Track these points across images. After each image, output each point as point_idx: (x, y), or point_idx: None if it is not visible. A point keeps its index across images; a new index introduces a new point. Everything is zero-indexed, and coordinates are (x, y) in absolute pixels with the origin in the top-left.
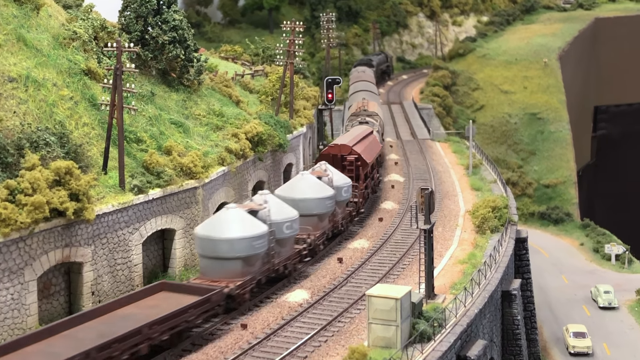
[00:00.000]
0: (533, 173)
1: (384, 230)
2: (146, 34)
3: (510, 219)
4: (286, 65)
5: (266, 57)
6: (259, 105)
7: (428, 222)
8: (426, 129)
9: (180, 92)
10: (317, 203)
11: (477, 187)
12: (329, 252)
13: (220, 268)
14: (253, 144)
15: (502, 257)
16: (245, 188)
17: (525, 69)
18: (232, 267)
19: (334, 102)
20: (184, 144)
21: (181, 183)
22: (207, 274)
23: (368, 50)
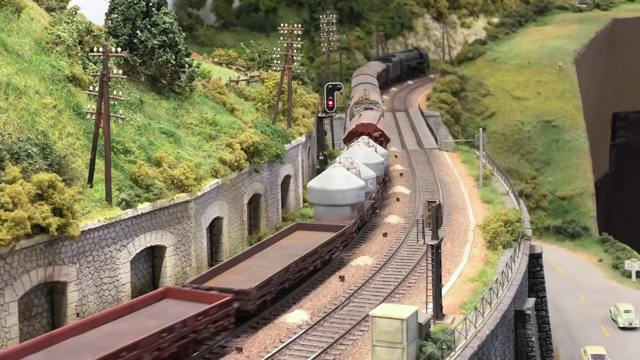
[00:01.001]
0: (548, 184)
1: (389, 246)
2: (134, 37)
3: (524, 233)
4: (284, 70)
5: (262, 62)
6: (255, 113)
7: (435, 238)
8: (433, 137)
9: (171, 100)
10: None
11: (488, 199)
12: (329, 270)
13: (334, 213)
14: (248, 155)
15: (515, 274)
16: (240, 201)
17: (538, 73)
18: (344, 212)
19: (334, 110)
20: (174, 155)
21: (172, 197)
22: (322, 218)
23: (371, 54)
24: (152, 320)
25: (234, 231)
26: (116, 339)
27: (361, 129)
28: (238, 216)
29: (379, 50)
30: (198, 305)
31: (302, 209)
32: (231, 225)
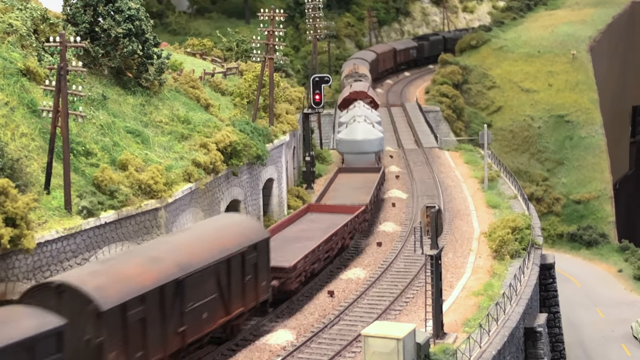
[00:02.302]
0: (561, 187)
1: (384, 257)
2: (96, 25)
3: (534, 241)
4: (265, 61)
5: (241, 52)
6: (233, 109)
7: (435, 247)
8: (433, 135)
9: (138, 95)
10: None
11: (494, 204)
12: (317, 285)
13: (362, 159)
14: (226, 156)
15: (524, 287)
16: (216, 209)
17: (550, 63)
18: (370, 158)
19: (322, 105)
20: (142, 157)
21: (139, 204)
22: (350, 165)
23: (362, 43)
24: (316, 224)
25: None
26: (309, 233)
27: (354, 95)
28: None
29: (372, 39)
30: (338, 215)
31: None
32: None
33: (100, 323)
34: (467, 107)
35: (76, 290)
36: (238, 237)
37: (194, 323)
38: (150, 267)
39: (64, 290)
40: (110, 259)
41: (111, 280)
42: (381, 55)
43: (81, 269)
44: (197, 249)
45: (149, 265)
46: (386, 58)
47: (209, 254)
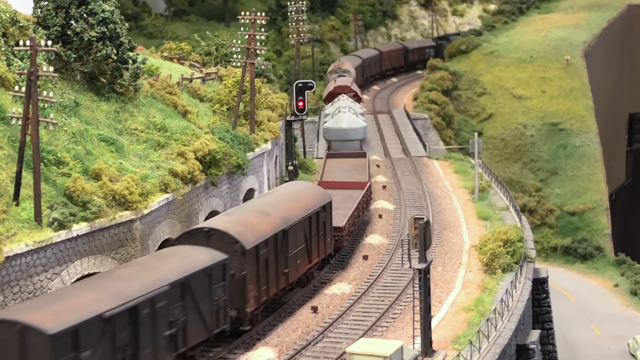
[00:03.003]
0: (555, 197)
1: (370, 270)
2: (68, 29)
3: (527, 254)
4: (245, 66)
5: (220, 56)
6: (212, 116)
7: (424, 260)
8: (421, 144)
9: (112, 102)
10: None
11: (485, 215)
12: (300, 300)
13: (348, 145)
14: (204, 165)
15: (516, 302)
16: (195, 220)
17: (543, 68)
18: (355, 144)
19: (306, 112)
20: (116, 166)
21: (113, 215)
22: (337, 151)
23: (348, 47)
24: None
25: None
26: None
27: (338, 90)
28: None
29: (357, 43)
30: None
31: None
32: None
33: (244, 260)
34: (456, 115)
35: (224, 233)
36: (313, 199)
37: (292, 267)
38: (264, 219)
39: (212, 234)
40: (231, 212)
41: (245, 227)
42: (387, 54)
43: (215, 219)
44: (290, 207)
45: (263, 218)
46: (393, 56)
47: (298, 211)
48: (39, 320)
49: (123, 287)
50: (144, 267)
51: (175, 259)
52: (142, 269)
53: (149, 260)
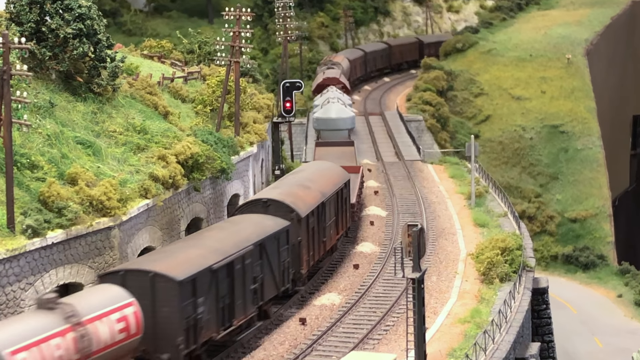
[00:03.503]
0: (555, 204)
1: (361, 280)
2: (43, 25)
3: (526, 263)
4: (230, 65)
5: (204, 55)
6: (194, 118)
7: (417, 270)
8: (415, 147)
9: (89, 102)
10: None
11: (482, 222)
12: (287, 312)
13: (336, 135)
14: (186, 170)
15: (515, 313)
16: (176, 227)
17: (543, 68)
18: (343, 134)
19: (293, 114)
20: (94, 171)
21: (90, 222)
22: (327, 139)
23: (337, 45)
24: None
25: None
26: None
27: (327, 81)
28: None
29: (348, 41)
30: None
31: None
32: None
33: (299, 227)
34: (452, 116)
35: (282, 203)
36: (338, 176)
37: (328, 236)
38: (307, 192)
39: (270, 204)
40: (277, 186)
41: (295, 198)
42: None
43: (266, 191)
44: (324, 183)
45: (307, 191)
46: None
47: (330, 186)
48: (167, 269)
49: (219, 245)
50: (228, 230)
51: (250, 224)
52: (226, 231)
53: (227, 225)
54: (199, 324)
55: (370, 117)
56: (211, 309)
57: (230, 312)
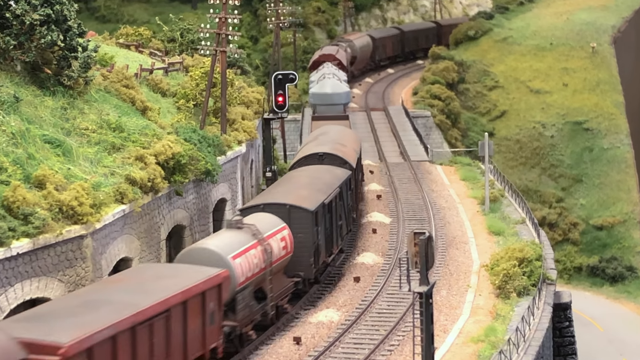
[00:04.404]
0: (579, 209)
1: (362, 294)
2: (6, 10)
3: (546, 276)
4: (215, 55)
5: (186, 43)
6: (176, 114)
7: (425, 283)
8: (422, 146)
9: (59, 96)
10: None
11: (498, 230)
12: (281, 330)
13: (332, 109)
14: (167, 172)
15: (534, 332)
16: (156, 236)
17: (564, 58)
18: (339, 108)
19: (287, 109)
20: (63, 173)
21: (60, 230)
22: (323, 114)
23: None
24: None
25: None
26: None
27: (323, 58)
28: (153, 256)
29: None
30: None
31: None
32: None
33: (352, 176)
34: (463, 112)
35: (336, 156)
36: (356, 139)
37: (360, 191)
38: (346, 149)
39: (325, 157)
40: (318, 143)
41: (341, 152)
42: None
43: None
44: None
45: (345, 149)
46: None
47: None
48: (299, 202)
49: (318, 187)
50: (312, 177)
51: (325, 173)
52: (311, 177)
53: (305, 173)
54: (319, 249)
55: (372, 112)
56: (322, 236)
57: (330, 242)
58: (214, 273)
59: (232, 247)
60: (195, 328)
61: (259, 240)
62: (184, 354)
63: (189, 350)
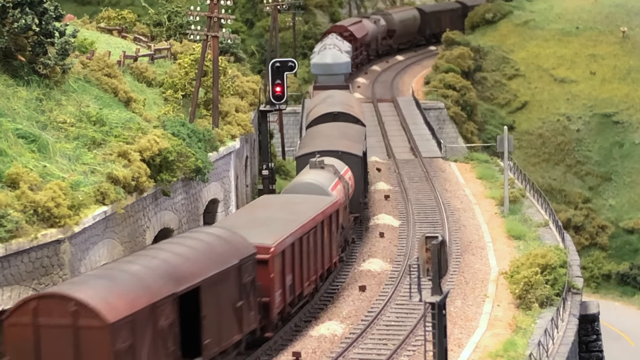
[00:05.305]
0: (608, 211)
1: (368, 305)
2: None
3: (572, 284)
4: (207, 40)
5: (174, 28)
6: (163, 106)
7: (438, 292)
8: (435, 141)
9: (34, 86)
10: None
11: (518, 233)
12: (279, 344)
13: (333, 79)
14: (153, 169)
15: (558, 346)
16: (140, 240)
17: (592, 43)
18: (339, 78)
19: (285, 100)
20: (39, 171)
21: (35, 234)
22: (323, 83)
23: (339, 15)
24: None
25: None
26: None
27: (335, 29)
28: None
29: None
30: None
31: None
32: None
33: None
34: (480, 103)
35: (349, 114)
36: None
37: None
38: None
39: (339, 115)
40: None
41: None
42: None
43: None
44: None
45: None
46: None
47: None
48: (349, 149)
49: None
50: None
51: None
52: (334, 131)
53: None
54: (364, 191)
55: (379, 104)
56: (362, 182)
57: (365, 187)
58: (334, 200)
59: (327, 182)
60: (327, 243)
61: (339, 178)
62: (322, 264)
63: (325, 262)
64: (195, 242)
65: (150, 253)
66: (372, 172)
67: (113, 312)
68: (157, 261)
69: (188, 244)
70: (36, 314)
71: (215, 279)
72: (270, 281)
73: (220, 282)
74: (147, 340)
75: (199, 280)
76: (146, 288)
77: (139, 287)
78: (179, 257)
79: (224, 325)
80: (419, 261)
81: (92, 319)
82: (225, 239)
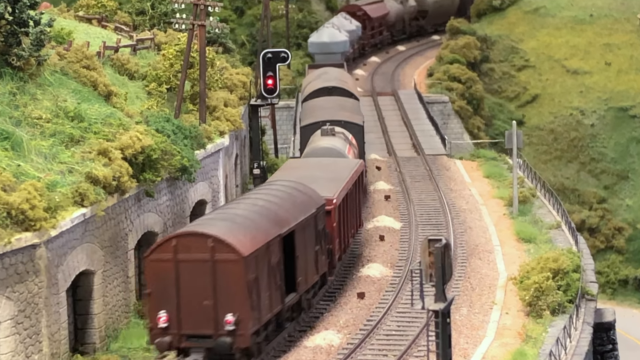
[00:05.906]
0: (625, 211)
1: (367, 313)
2: None
3: (586, 290)
4: (193, 30)
5: (158, 16)
6: (146, 100)
7: (442, 299)
8: (439, 137)
9: (7, 80)
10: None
11: (528, 236)
12: (271, 356)
13: (330, 58)
14: (136, 168)
15: (571, 356)
16: (122, 245)
17: (607, 32)
18: (337, 57)
19: (278, 94)
20: (12, 170)
21: (8, 238)
22: (321, 62)
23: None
24: None
25: (113, 294)
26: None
27: (348, 9)
28: (119, 269)
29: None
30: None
31: None
32: (108, 285)
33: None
34: (487, 97)
35: (343, 89)
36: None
37: None
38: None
39: (333, 90)
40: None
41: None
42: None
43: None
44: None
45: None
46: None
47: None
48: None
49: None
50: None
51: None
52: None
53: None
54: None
55: (379, 98)
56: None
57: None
58: (360, 161)
59: (343, 146)
60: (358, 201)
61: (350, 144)
62: (355, 221)
63: (357, 219)
64: (280, 193)
65: (247, 201)
66: (371, 171)
67: (245, 247)
68: (259, 207)
69: (274, 194)
70: (176, 250)
71: (303, 224)
72: (333, 230)
73: (306, 228)
74: (265, 274)
75: (294, 224)
76: (260, 229)
77: (254, 228)
78: (273, 204)
79: (308, 266)
80: (421, 266)
81: (229, 253)
82: (302, 191)
